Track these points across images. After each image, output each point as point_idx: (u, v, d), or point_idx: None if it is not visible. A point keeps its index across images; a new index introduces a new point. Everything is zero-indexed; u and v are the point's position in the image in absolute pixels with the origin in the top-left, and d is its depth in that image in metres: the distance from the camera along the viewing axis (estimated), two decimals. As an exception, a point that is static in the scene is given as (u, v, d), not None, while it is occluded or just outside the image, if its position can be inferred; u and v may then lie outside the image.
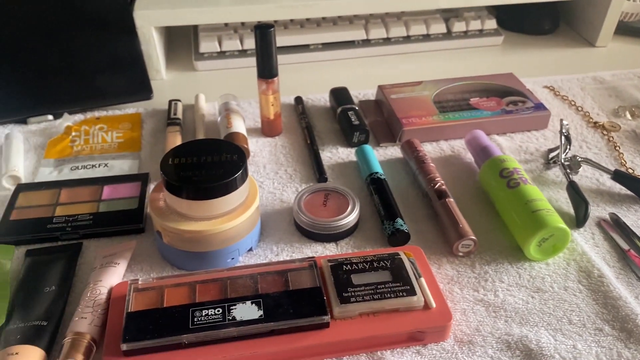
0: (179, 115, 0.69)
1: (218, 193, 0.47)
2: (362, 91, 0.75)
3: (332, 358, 0.43)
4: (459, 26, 0.86)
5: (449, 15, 0.88)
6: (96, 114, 0.70)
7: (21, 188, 0.57)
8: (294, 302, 0.43)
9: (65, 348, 0.41)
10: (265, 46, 0.61)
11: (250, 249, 0.52)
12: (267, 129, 0.67)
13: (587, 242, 0.53)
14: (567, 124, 0.62)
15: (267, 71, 0.63)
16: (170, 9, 0.75)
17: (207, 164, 0.48)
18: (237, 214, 0.48)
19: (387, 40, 0.85)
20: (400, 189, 0.59)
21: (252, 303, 0.42)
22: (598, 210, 0.57)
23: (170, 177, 0.47)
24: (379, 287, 0.44)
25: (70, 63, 0.69)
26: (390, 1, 0.80)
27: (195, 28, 0.85)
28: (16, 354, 0.40)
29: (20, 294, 0.46)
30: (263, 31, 0.60)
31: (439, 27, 0.86)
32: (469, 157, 0.64)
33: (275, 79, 0.63)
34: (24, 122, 0.68)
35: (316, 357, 0.42)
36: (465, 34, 0.87)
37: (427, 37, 0.86)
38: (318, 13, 0.79)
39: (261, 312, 0.42)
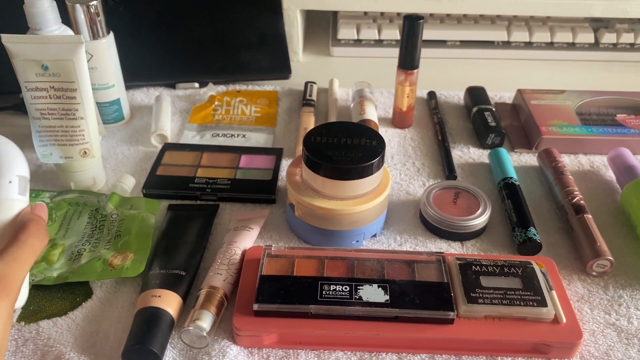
0: (314, 97, 0.71)
1: (354, 175, 0.48)
2: (498, 93, 0.73)
3: (453, 355, 0.42)
4: (608, 37, 0.81)
5: (598, 25, 0.83)
6: (237, 87, 0.74)
7: (167, 147, 0.62)
8: (420, 293, 0.43)
9: (201, 299, 0.44)
10: (411, 37, 0.61)
11: (374, 235, 0.53)
12: (398, 120, 0.68)
13: None
14: None
15: (408, 62, 0.63)
16: (316, -7, 0.77)
17: (347, 146, 0.49)
18: (368, 199, 0.49)
19: (528, 44, 0.82)
20: (533, 198, 0.57)
21: (378, 286, 0.43)
22: None
23: (311, 154, 0.48)
24: (508, 292, 0.43)
25: (219, 37, 0.74)
26: (538, 4, 0.77)
27: (334, 14, 0.87)
28: (159, 296, 0.43)
29: (162, 244, 0.50)
30: (412, 22, 0.60)
31: (586, 37, 0.81)
32: (609, 174, 0.60)
33: (415, 71, 0.63)
34: (172, 86, 0.73)
35: (437, 351, 0.42)
36: (615, 47, 0.82)
37: (572, 46, 0.82)
38: (463, 10, 0.78)
39: (387, 297, 0.42)
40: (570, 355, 0.42)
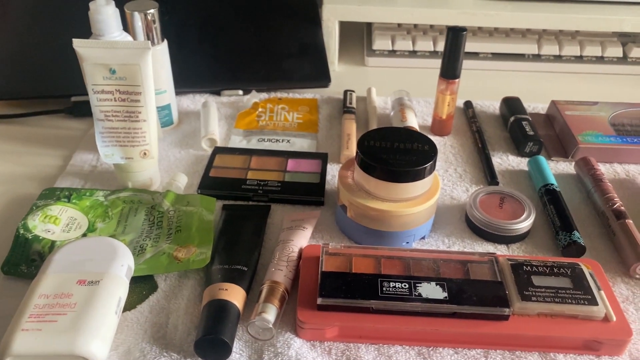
0: (354, 104, 0.73)
1: (408, 178, 0.50)
2: (531, 104, 0.76)
3: (507, 350, 0.44)
4: (637, 51, 0.84)
5: (626, 39, 0.86)
6: (279, 94, 0.76)
7: (218, 150, 0.64)
8: (476, 291, 0.45)
9: (264, 293, 0.46)
10: (454, 48, 0.63)
11: (423, 237, 0.55)
12: (438, 128, 0.70)
13: None
14: None
15: (450, 72, 0.65)
16: (356, 5, 0.80)
17: (400, 150, 0.51)
18: (419, 201, 0.51)
19: (558, 58, 0.84)
20: (572, 204, 0.59)
21: (436, 284, 0.45)
22: None
23: (366, 157, 0.50)
24: (559, 291, 0.45)
25: (262, 46, 0.76)
26: (568, 19, 0.79)
27: (368, 25, 0.90)
28: (226, 289, 0.45)
29: (221, 241, 0.52)
30: (456, 33, 0.62)
31: (615, 51, 0.84)
32: (646, 183, 0.62)
33: (457, 80, 0.66)
34: (217, 93, 0.76)
35: (493, 346, 0.44)
36: (643, 60, 0.84)
37: (600, 59, 0.84)
38: (495, 23, 0.80)
39: (445, 294, 0.44)
40: (620, 352, 0.44)
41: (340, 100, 0.76)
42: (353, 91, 0.76)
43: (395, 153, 0.51)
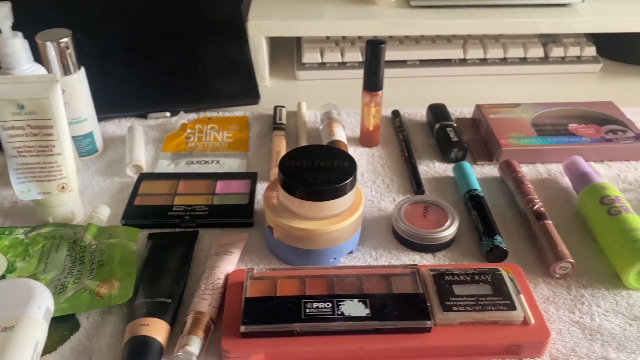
0: (284, 120, 0.73)
1: (329, 196, 0.50)
2: (458, 109, 0.77)
3: (431, 361, 0.45)
4: (557, 51, 0.87)
5: (547, 40, 0.89)
6: (208, 114, 0.76)
7: (143, 177, 0.63)
8: (398, 305, 0.45)
9: (188, 324, 0.45)
10: (374, 61, 0.64)
11: (351, 252, 0.55)
12: (366, 139, 0.70)
13: (688, 276, 0.53)
14: (671, 157, 0.61)
15: (372, 84, 0.66)
16: (281, 20, 0.80)
17: (321, 168, 0.51)
18: (343, 217, 0.52)
19: (483, 61, 0.87)
20: (496, 207, 0.61)
21: (359, 301, 0.45)
22: (701, 246, 0.56)
23: (287, 178, 0.50)
24: (480, 299, 0.46)
25: (189, 66, 0.76)
26: (490, 23, 0.81)
27: (298, 39, 0.90)
28: (147, 324, 0.44)
29: (145, 273, 0.51)
30: (375, 47, 0.63)
31: (536, 52, 0.86)
32: (565, 181, 0.64)
33: (380, 92, 0.67)
34: (144, 116, 0.75)
35: (416, 359, 0.45)
36: (563, 60, 0.87)
37: (524, 60, 0.87)
38: (420, 31, 0.82)
39: (368, 311, 0.45)
40: (540, 354, 0.45)
41: (272, 116, 0.75)
42: (283, 107, 0.76)
43: (316, 172, 0.51)
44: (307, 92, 0.83)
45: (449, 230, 0.55)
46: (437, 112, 0.73)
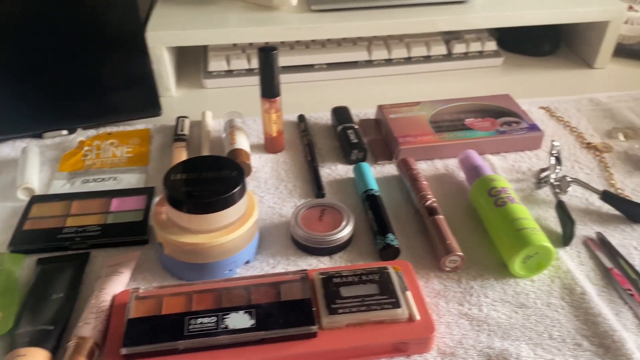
0: (186, 131, 0.72)
1: (216, 208, 0.50)
2: (364, 110, 0.78)
3: (320, 366, 0.45)
4: (459, 48, 0.89)
5: (449, 37, 0.91)
6: (108, 129, 0.74)
7: (35, 199, 0.61)
8: (284, 313, 0.45)
9: (69, 351, 0.44)
10: (268, 68, 0.64)
11: (248, 262, 0.55)
12: (270, 145, 0.70)
13: (572, 260, 0.55)
14: (558, 145, 0.64)
15: (269, 91, 0.66)
16: (181, 30, 0.79)
17: (207, 180, 0.51)
18: (234, 228, 0.51)
19: (389, 61, 0.88)
20: (394, 205, 0.61)
21: (244, 312, 0.45)
22: (585, 230, 0.58)
23: (171, 192, 0.50)
24: (366, 299, 0.46)
25: (85, 81, 0.73)
26: (388, 24, 0.82)
27: (205, 48, 0.89)
28: (24, 355, 0.43)
29: (30, 300, 0.49)
30: (266, 54, 0.63)
31: (439, 49, 0.88)
32: (462, 175, 0.66)
33: (278, 98, 0.66)
34: (39, 136, 0.72)
35: (305, 365, 0.45)
36: (466, 55, 0.89)
37: (428, 59, 0.88)
38: (320, 35, 0.82)
39: (253, 322, 0.44)
40: (427, 349, 0.46)
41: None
42: (186, 117, 0.75)
43: (203, 184, 0.50)
44: (215, 100, 0.82)
45: (344, 232, 0.55)
46: (340, 114, 0.74)
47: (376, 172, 0.67)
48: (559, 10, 0.84)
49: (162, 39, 0.78)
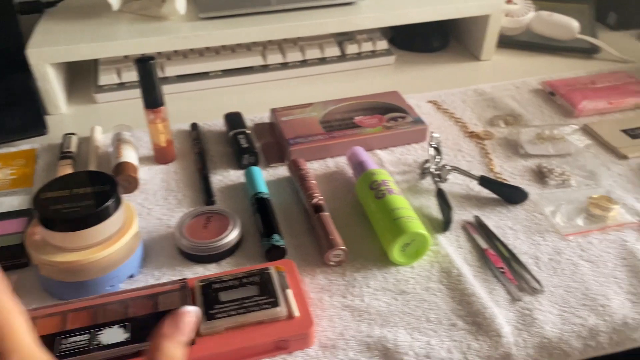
0: (73, 148, 0.70)
1: (88, 224, 0.49)
2: (259, 115, 0.79)
3: (200, 373, 0.45)
4: (352, 48, 0.91)
5: (342, 38, 0.93)
6: (-11, 152, 0.71)
7: None
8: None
9: None
10: (147, 78, 0.63)
11: (132, 276, 0.54)
12: (160, 156, 0.69)
13: (451, 244, 0.57)
14: (438, 136, 0.66)
15: (151, 101, 0.65)
16: (66, 45, 0.77)
17: (79, 196, 0.50)
18: (111, 243, 0.50)
19: (284, 65, 0.89)
20: (285, 206, 0.62)
21: (119, 327, 0.44)
22: (465, 214, 0.61)
23: (41, 211, 0.48)
24: (244, 301, 0.47)
25: (-40, 104, 0.70)
26: (280, 28, 0.83)
27: (96, 61, 0.87)
28: None
29: None
30: (143, 64, 0.62)
31: (333, 51, 0.90)
32: (351, 172, 0.67)
33: (162, 108, 0.66)
34: None
35: (183, 373, 0.44)
36: (359, 56, 0.92)
37: (322, 61, 0.90)
38: (209, 42, 0.82)
39: (127, 335, 0.44)
40: (308, 344, 0.47)
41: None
42: (74, 134, 0.73)
43: (73, 200, 0.49)
44: (107, 114, 0.81)
45: (230, 237, 0.55)
46: (232, 120, 0.74)
47: (269, 175, 0.67)
48: (441, 7, 0.87)
49: (45, 55, 0.76)
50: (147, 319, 0.45)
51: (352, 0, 0.87)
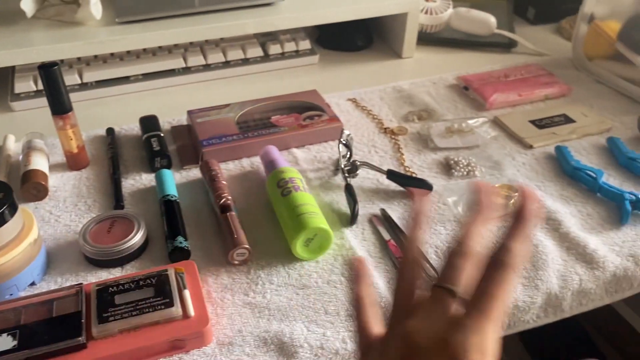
0: (-19, 158, 0.69)
1: (-19, 232, 0.48)
2: (178, 117, 0.79)
3: (94, 376, 0.45)
4: (274, 49, 0.92)
5: (265, 39, 0.93)
6: None
7: None
8: (52, 329, 0.45)
9: None
10: (52, 84, 0.63)
11: (33, 283, 0.53)
12: (72, 162, 0.69)
13: (356, 237, 0.59)
14: (348, 133, 0.68)
15: (59, 108, 0.64)
16: (-28, 53, 0.75)
17: (-29, 206, 0.49)
18: (6, 251, 0.50)
19: (206, 67, 0.89)
20: (196, 208, 0.62)
21: (7, 335, 0.44)
22: (373, 208, 0.63)
23: None
24: (139, 303, 0.47)
25: None
26: (199, 30, 0.83)
27: (12, 69, 0.86)
28: None
29: None
30: (46, 70, 0.62)
31: (255, 51, 0.91)
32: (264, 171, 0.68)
33: (70, 113, 0.65)
34: None
35: (79, 377, 0.44)
36: (282, 56, 0.92)
37: (245, 61, 0.91)
38: (126, 47, 0.82)
39: (15, 343, 0.43)
40: (205, 342, 0.48)
41: (-26, 156, 0.71)
42: (-16, 144, 0.72)
43: (-35, 210, 0.49)
44: (24, 123, 0.79)
45: (133, 241, 0.55)
46: (147, 124, 0.74)
47: (182, 177, 0.67)
48: (359, 6, 0.89)
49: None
50: (38, 326, 0.45)
51: (271, 0, 0.88)
